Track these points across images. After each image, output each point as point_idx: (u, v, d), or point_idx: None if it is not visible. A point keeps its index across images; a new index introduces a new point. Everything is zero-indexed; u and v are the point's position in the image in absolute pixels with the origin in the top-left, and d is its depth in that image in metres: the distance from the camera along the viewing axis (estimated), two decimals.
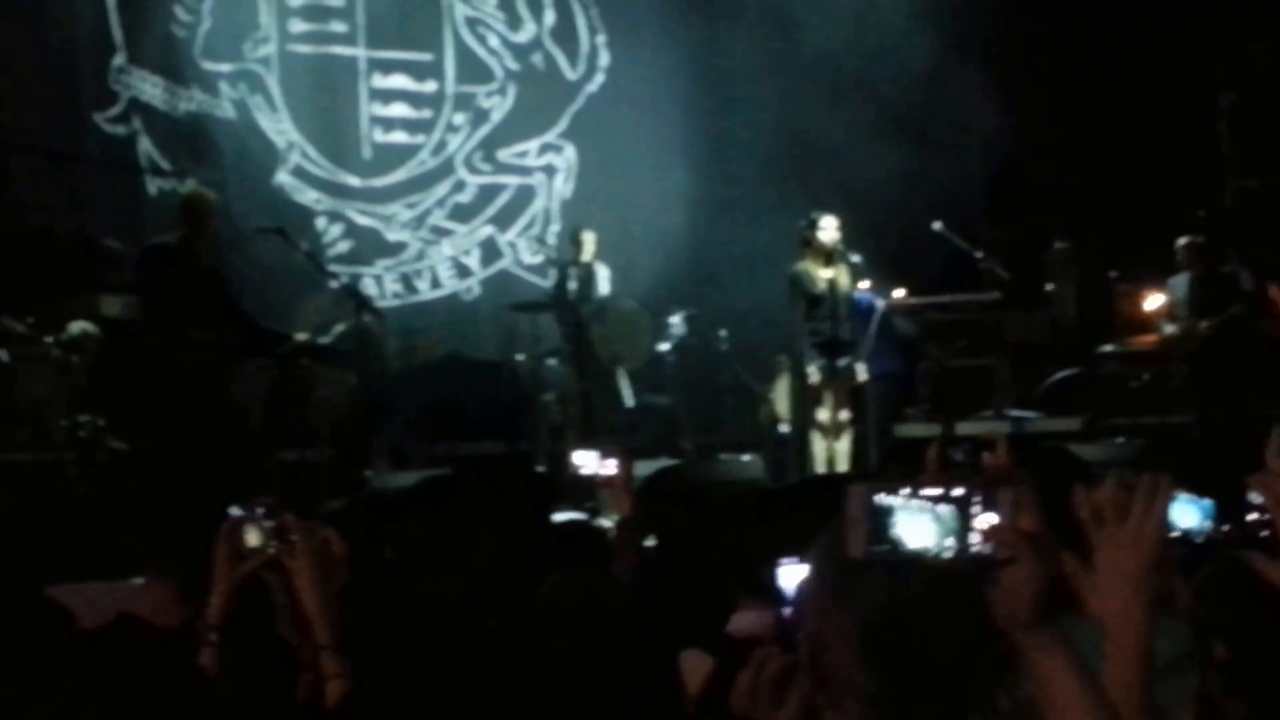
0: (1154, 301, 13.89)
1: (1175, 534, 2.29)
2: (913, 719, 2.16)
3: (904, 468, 4.88)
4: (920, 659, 2.15)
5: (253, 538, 3.19)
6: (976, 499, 1.90)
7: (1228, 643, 2.99)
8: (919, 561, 1.90)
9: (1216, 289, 12.97)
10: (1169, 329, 13.06)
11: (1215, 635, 3.02)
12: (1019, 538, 1.89)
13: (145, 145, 13.92)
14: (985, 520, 1.89)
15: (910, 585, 2.10)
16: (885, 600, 2.14)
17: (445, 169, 15.49)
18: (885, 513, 1.89)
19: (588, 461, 5.56)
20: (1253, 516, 2.37)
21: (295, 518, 3.20)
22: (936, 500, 1.89)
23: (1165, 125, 15.10)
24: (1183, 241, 13.08)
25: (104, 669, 2.49)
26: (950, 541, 1.89)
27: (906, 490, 1.89)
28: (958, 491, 1.90)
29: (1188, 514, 2.35)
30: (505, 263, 15.61)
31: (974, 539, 1.89)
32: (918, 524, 1.88)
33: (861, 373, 11.61)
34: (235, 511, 3.20)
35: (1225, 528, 2.38)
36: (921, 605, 2.12)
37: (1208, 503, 2.37)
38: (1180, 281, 13.10)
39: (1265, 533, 2.36)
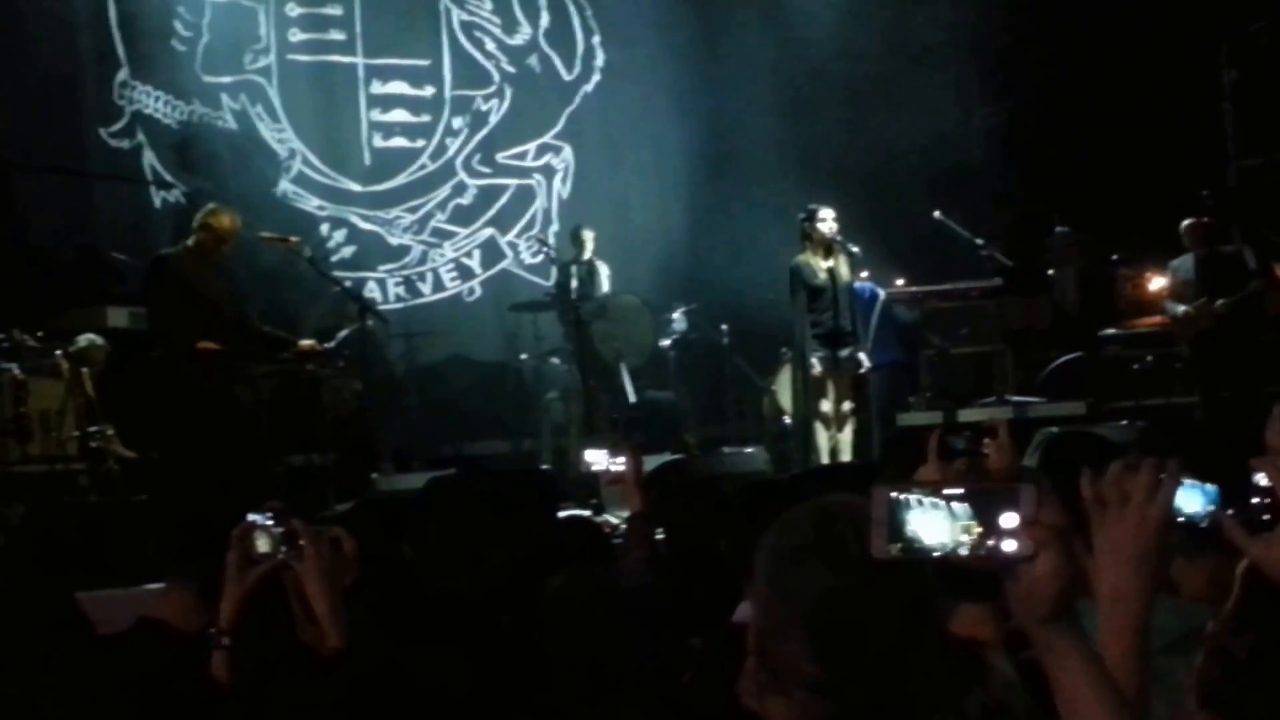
0: (1157, 283, 13.86)
1: (1179, 519, 2.29)
2: (860, 706, 2.20)
3: (905, 455, 4.94)
4: (864, 648, 2.18)
5: (262, 543, 3.20)
6: (995, 496, 1.89)
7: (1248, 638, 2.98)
8: (940, 559, 1.90)
9: (1224, 268, 12.86)
10: (1179, 309, 12.94)
11: (1237, 632, 3.02)
12: (1045, 533, 1.89)
13: (149, 158, 13.96)
14: (1008, 518, 1.88)
15: (848, 575, 2.15)
16: (824, 592, 2.19)
17: (445, 172, 15.53)
18: (905, 511, 1.90)
19: (598, 459, 5.62)
20: (1256, 500, 2.37)
21: (303, 523, 3.21)
22: (954, 498, 1.89)
23: (1167, 105, 15.08)
24: (1187, 223, 12.94)
25: (124, 672, 2.55)
26: (966, 538, 1.88)
27: (927, 489, 1.90)
28: (978, 489, 1.89)
29: (1191, 499, 2.35)
30: (506, 263, 15.66)
31: (995, 535, 1.88)
32: (933, 521, 1.89)
33: (864, 363, 11.65)
34: (253, 517, 3.22)
35: (1229, 512, 2.38)
36: (860, 596, 2.17)
37: (1211, 488, 2.38)
38: (1185, 262, 12.96)
39: (1267, 516, 2.35)
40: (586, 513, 8.98)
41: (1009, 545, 1.89)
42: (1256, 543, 2.39)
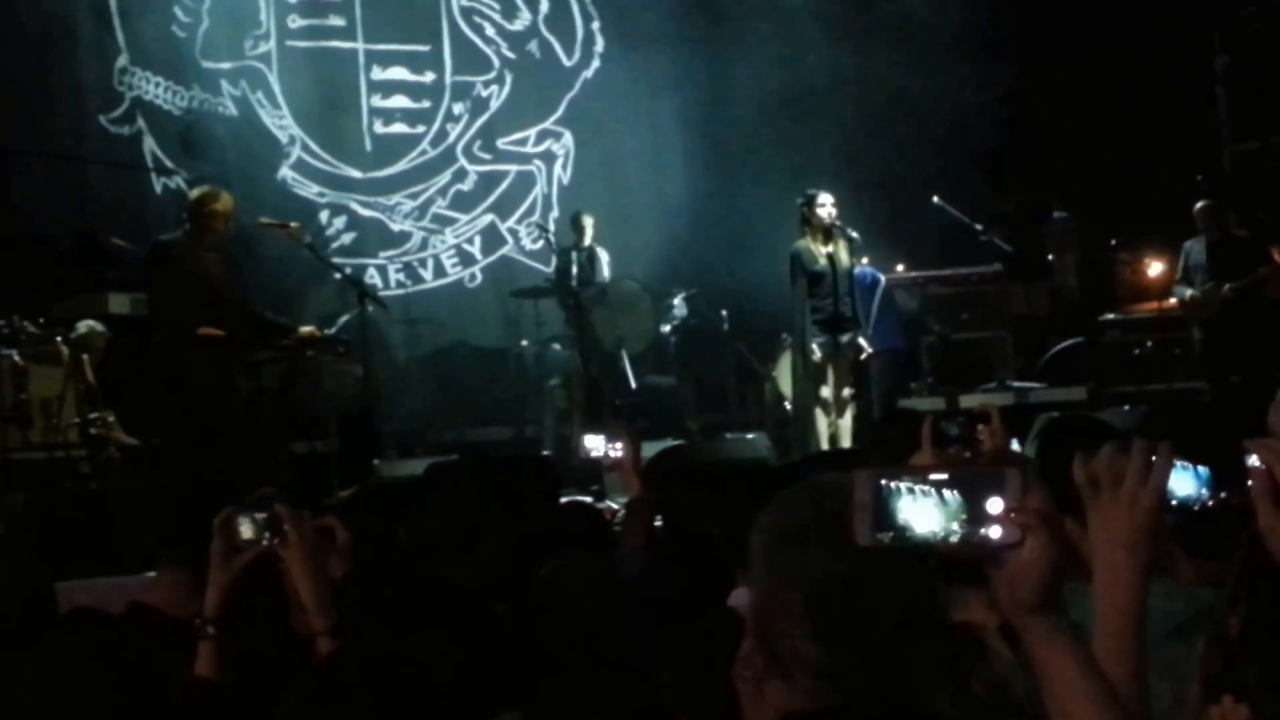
0: (1156, 269, 13.84)
1: (1173, 502, 2.30)
2: (861, 690, 2.20)
3: (897, 436, 4.94)
4: (865, 631, 2.18)
5: (246, 530, 3.19)
6: (983, 482, 1.87)
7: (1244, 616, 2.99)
8: (927, 547, 1.89)
9: (1235, 253, 12.82)
10: (1188, 293, 12.89)
11: (1232, 609, 3.01)
12: (1032, 519, 1.87)
13: (149, 144, 14.00)
14: (993, 504, 1.87)
15: (849, 559, 2.11)
16: (826, 574, 2.17)
17: (446, 158, 15.54)
18: (892, 498, 1.88)
19: (597, 445, 5.62)
20: (1250, 483, 2.31)
21: (287, 508, 3.20)
22: (942, 485, 1.87)
23: (1162, 91, 15.08)
24: (1201, 205, 12.89)
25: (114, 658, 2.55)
26: (956, 526, 1.87)
27: (913, 475, 1.88)
28: (963, 475, 1.88)
29: (1184, 482, 2.36)
30: (507, 249, 15.67)
31: (981, 522, 1.87)
32: (924, 509, 1.87)
33: (865, 348, 11.63)
34: (244, 506, 3.20)
35: (1222, 495, 2.38)
36: (861, 578, 2.15)
37: (1204, 470, 2.37)
38: (1197, 245, 12.91)
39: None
40: (588, 499, 8.99)
41: (995, 532, 1.88)
42: (1274, 513, 2.37)
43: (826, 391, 11.48)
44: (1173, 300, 13.30)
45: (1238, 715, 2.75)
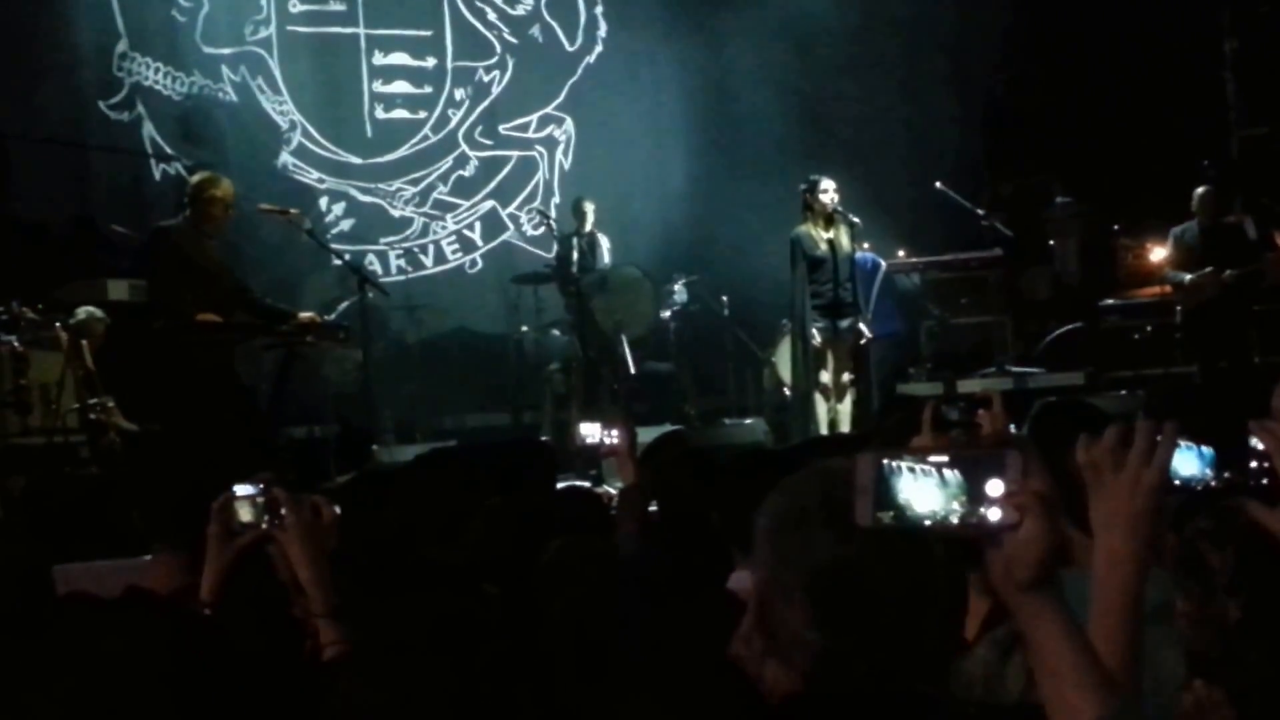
0: (1158, 254, 13.84)
1: (1176, 482, 2.29)
2: (861, 673, 2.19)
3: (899, 422, 4.95)
4: (866, 615, 2.17)
5: (244, 514, 3.20)
6: (983, 463, 1.87)
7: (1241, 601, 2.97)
8: (926, 527, 1.88)
9: (1227, 239, 12.82)
10: (1185, 277, 12.84)
11: (1230, 595, 3.01)
12: (1031, 500, 1.87)
13: (149, 130, 13.97)
14: (993, 485, 1.87)
15: (853, 542, 2.11)
16: (828, 558, 2.17)
17: (447, 144, 15.50)
18: (892, 478, 1.88)
19: (593, 433, 5.64)
20: (1254, 464, 2.37)
21: (284, 492, 3.21)
22: (943, 465, 1.87)
23: (1169, 75, 15.04)
24: (1202, 190, 12.88)
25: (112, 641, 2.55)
26: (957, 506, 1.87)
27: (914, 456, 1.88)
28: (964, 456, 1.88)
29: (1188, 462, 2.36)
30: (508, 235, 15.64)
31: (981, 503, 1.87)
32: (924, 489, 1.87)
33: (865, 333, 11.64)
34: (238, 488, 3.21)
35: (1226, 475, 2.39)
36: (864, 562, 2.15)
37: (1208, 451, 2.38)
38: (1190, 230, 12.89)
39: (1265, 480, 2.35)
40: (586, 483, 9.01)
41: (994, 513, 1.88)
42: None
43: (826, 376, 11.50)
44: (1168, 287, 13.28)
45: (1214, 698, 2.75)
